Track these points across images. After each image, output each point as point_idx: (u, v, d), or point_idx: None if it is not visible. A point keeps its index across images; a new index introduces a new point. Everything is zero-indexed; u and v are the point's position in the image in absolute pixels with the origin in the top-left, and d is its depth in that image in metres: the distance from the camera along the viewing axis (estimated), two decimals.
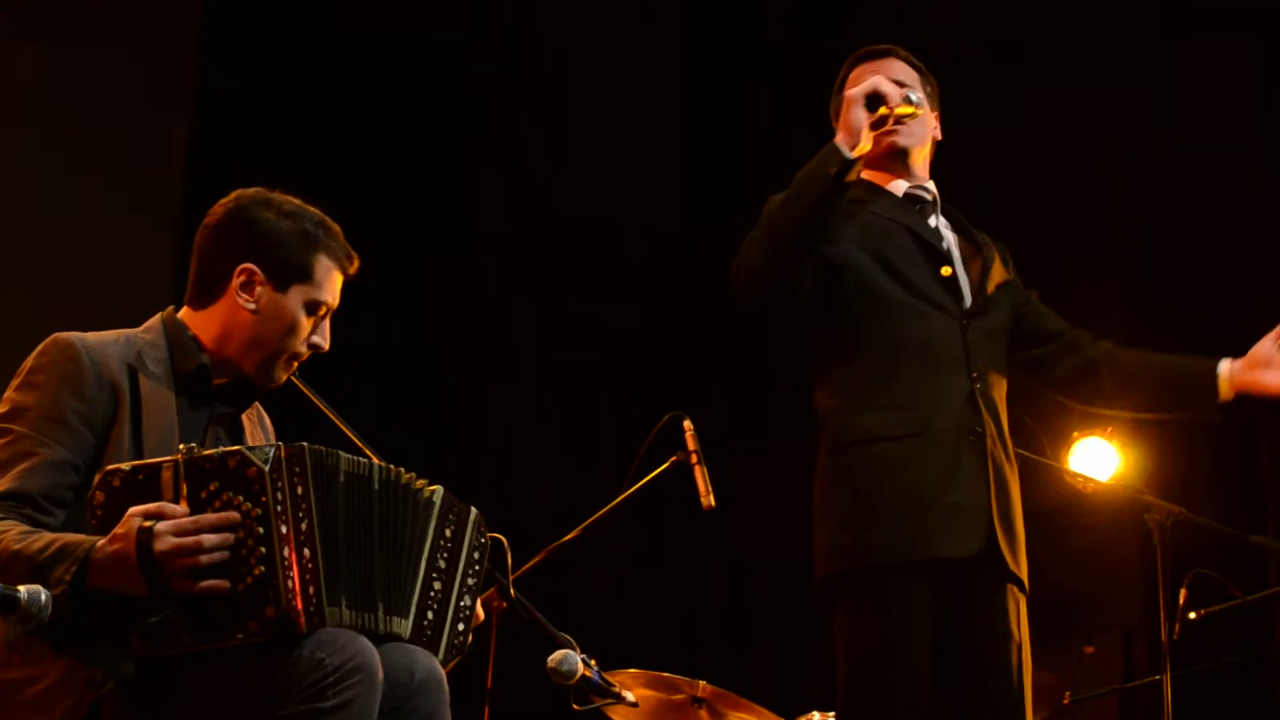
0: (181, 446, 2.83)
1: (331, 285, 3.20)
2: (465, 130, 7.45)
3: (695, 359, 7.25)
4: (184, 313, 3.17)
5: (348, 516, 2.90)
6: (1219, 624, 5.34)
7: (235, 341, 3.12)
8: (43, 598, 2.61)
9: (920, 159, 3.95)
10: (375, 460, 3.01)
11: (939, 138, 4.03)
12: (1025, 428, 3.83)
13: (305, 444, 2.88)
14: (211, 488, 2.77)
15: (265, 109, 6.97)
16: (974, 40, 6.93)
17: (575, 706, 3.21)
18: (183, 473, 2.77)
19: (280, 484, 2.78)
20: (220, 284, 3.13)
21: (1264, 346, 3.70)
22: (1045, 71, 6.96)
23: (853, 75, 3.99)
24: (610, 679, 3.25)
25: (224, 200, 3.19)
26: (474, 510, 3.13)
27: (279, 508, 2.77)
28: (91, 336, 3.06)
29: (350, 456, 2.96)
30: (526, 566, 4.79)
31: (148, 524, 2.73)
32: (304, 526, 2.80)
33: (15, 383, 3.02)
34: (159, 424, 2.98)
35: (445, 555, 3.04)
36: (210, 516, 2.75)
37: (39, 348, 3.04)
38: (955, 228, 3.94)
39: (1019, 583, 3.67)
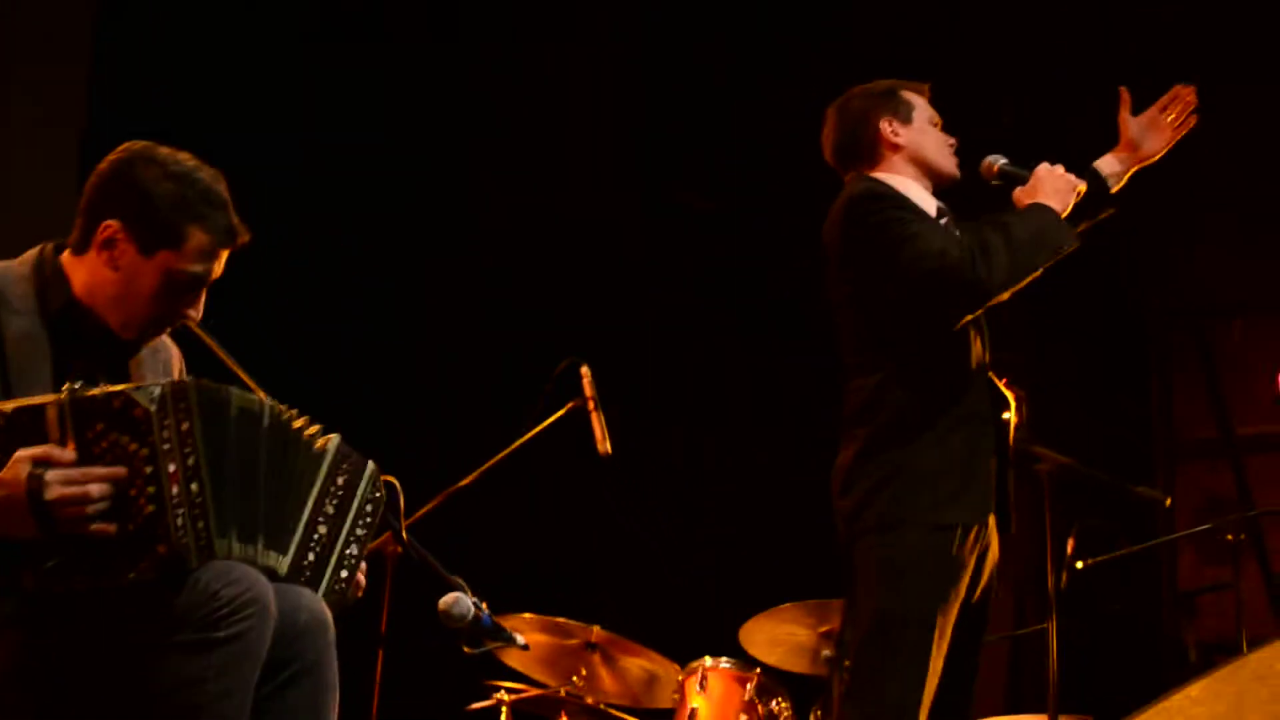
0: (66, 385, 2.77)
1: (203, 257, 3.02)
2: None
3: (598, 306, 7.25)
4: (65, 255, 3.09)
5: (239, 450, 2.89)
6: (1109, 572, 5.45)
7: (100, 296, 3.04)
8: None
9: None
10: (265, 399, 2.98)
11: None
12: None
13: (191, 379, 2.86)
14: (98, 428, 2.75)
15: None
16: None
17: (466, 649, 3.21)
18: (68, 413, 2.74)
19: (167, 422, 2.76)
20: (91, 235, 3.04)
21: (1128, 128, 4.01)
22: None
23: (917, 97, 4.13)
24: (502, 623, 3.25)
25: (117, 150, 3.07)
26: (371, 464, 3.11)
27: (166, 446, 2.75)
28: None
29: (243, 392, 2.93)
30: (422, 511, 4.79)
31: (38, 471, 2.71)
32: (190, 462, 2.78)
33: None
34: (26, 358, 2.93)
35: (335, 503, 3.03)
36: (99, 470, 2.73)
37: None
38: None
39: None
